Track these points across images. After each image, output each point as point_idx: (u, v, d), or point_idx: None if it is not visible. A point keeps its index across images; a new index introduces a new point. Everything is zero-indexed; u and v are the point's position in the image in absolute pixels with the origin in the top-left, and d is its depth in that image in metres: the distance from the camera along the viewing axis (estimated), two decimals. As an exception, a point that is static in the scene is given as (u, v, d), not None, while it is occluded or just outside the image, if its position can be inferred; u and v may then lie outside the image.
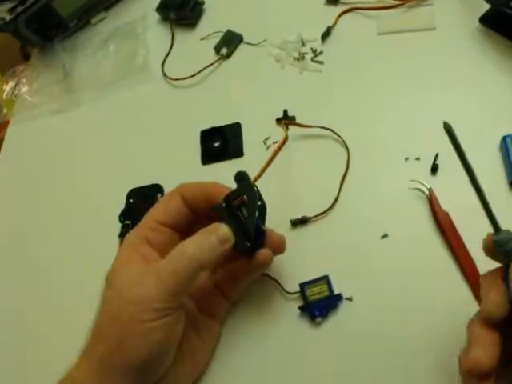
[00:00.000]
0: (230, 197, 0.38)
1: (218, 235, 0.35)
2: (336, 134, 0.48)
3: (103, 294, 0.35)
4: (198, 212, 0.40)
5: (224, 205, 0.38)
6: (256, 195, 0.37)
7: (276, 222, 0.41)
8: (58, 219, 0.54)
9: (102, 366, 0.32)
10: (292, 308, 0.41)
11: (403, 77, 0.51)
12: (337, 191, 0.46)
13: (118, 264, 0.36)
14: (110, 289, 0.35)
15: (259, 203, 0.37)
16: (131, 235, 0.38)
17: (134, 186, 0.51)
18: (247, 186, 0.38)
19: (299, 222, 0.45)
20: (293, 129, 0.50)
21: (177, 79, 0.57)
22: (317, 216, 0.45)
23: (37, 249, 0.53)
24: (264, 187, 0.39)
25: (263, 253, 0.38)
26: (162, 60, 0.60)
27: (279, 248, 0.39)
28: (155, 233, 0.38)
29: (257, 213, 0.37)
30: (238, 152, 0.51)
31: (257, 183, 0.39)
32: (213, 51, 0.58)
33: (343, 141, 0.48)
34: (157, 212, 0.39)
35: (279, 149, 0.41)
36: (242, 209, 0.38)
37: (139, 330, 0.32)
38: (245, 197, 0.38)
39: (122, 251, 0.37)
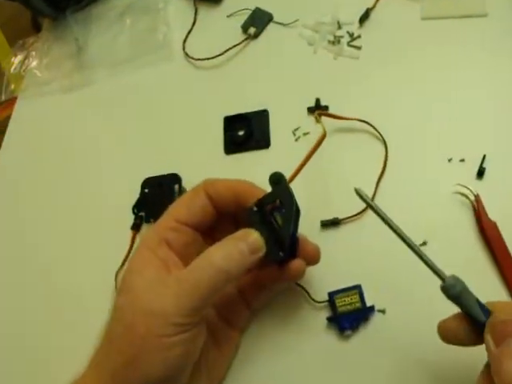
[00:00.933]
0: (264, 201, 0.34)
1: (248, 243, 0.32)
2: (374, 127, 0.44)
3: (116, 301, 0.31)
4: (224, 212, 0.36)
5: (256, 209, 0.34)
6: (293, 201, 0.34)
7: (305, 222, 0.37)
8: (65, 207, 0.50)
9: (114, 381, 0.29)
10: (319, 318, 0.38)
11: (449, 67, 0.47)
12: (372, 191, 0.42)
13: (133, 268, 0.32)
14: (124, 295, 0.31)
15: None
16: (149, 235, 0.34)
17: (149, 175, 0.47)
18: (284, 190, 0.34)
19: (330, 224, 0.42)
20: (325, 120, 0.45)
21: (199, 59, 0.53)
22: (349, 218, 0.42)
23: (40, 238, 0.49)
24: (292, 183, 0.36)
25: (296, 263, 0.34)
26: (183, 38, 0.56)
27: (313, 259, 0.36)
28: (176, 234, 0.34)
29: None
30: (264, 142, 0.47)
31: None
32: (239, 30, 0.54)
33: (381, 136, 0.44)
34: (178, 210, 0.35)
35: (316, 147, 0.37)
36: (275, 214, 0.34)
37: (156, 344, 0.28)
38: (278, 201, 0.34)
39: (139, 253, 0.33)
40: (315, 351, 0.37)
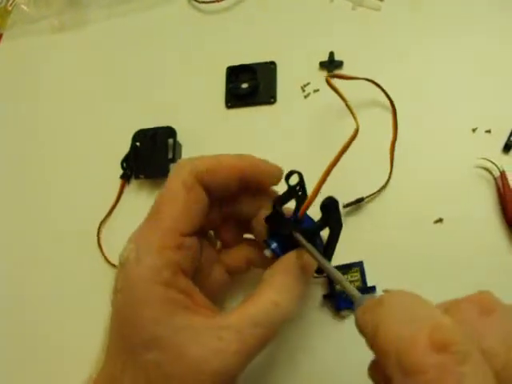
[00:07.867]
0: (308, 231, 0.28)
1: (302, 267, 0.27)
2: (382, 89, 0.39)
3: (144, 360, 0.24)
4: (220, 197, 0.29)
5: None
6: (339, 234, 0.29)
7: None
8: (48, 153, 0.47)
9: None
10: (314, 294, 0.35)
11: (484, 25, 0.42)
12: (388, 168, 0.38)
13: (156, 314, 0.24)
14: (159, 352, 0.24)
15: None
16: (153, 266, 0.25)
17: (141, 127, 0.43)
18: (334, 219, 0.28)
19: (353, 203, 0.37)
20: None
21: (203, 2, 0.49)
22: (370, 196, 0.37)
23: (21, 181, 0.46)
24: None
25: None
26: (186, -23, 0.51)
27: None
28: (185, 252, 0.26)
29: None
30: (270, 97, 0.43)
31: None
32: (249, -29, 0.49)
33: (389, 98, 0.39)
34: (178, 219, 0.26)
35: (347, 146, 0.29)
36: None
37: None
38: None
39: (153, 294, 0.24)
40: (307, 328, 0.34)
